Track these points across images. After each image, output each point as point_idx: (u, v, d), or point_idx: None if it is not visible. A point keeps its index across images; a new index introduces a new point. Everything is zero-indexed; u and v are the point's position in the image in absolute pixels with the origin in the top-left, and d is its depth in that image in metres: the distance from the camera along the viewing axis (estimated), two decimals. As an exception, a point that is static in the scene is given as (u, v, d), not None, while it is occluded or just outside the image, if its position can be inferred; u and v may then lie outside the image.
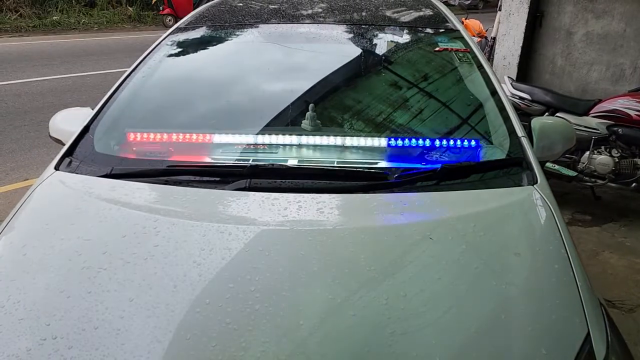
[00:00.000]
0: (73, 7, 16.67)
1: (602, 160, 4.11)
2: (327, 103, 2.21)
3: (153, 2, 17.79)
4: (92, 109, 2.18)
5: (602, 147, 4.16)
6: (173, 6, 16.96)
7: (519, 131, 1.94)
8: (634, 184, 4.05)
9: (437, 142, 1.94)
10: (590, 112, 4.21)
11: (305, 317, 1.23)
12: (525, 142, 1.90)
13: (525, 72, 5.19)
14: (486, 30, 8.55)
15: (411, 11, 2.92)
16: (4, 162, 5.23)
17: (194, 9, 16.28)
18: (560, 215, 1.62)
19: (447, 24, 2.60)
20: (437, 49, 2.36)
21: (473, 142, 1.94)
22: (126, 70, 2.34)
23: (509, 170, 1.80)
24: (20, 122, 6.43)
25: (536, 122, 2.15)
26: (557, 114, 4.33)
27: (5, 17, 14.86)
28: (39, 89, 8.05)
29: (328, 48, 2.49)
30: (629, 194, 4.23)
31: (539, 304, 1.33)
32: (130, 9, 17.91)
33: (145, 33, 15.96)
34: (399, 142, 1.94)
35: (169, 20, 17.08)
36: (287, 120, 2.09)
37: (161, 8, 17.35)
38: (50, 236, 1.52)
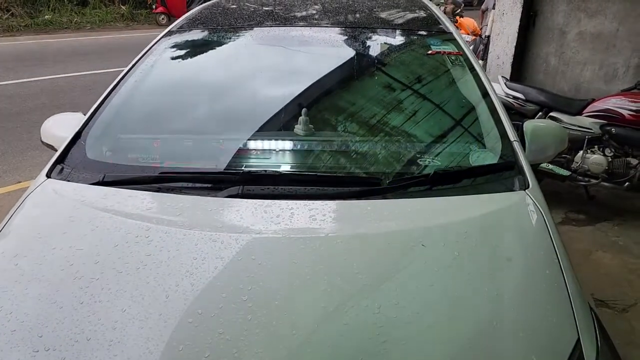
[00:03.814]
0: (65, 6, 16.63)
1: (596, 159, 4.13)
2: (320, 107, 2.22)
3: (150, 4, 17.75)
4: (84, 114, 2.18)
5: (596, 146, 4.19)
6: (166, 4, 16.92)
7: (511, 135, 1.95)
8: (627, 183, 4.08)
9: (430, 148, 1.95)
10: (584, 111, 4.23)
11: (298, 327, 1.24)
12: (517, 146, 1.91)
13: (519, 72, 5.21)
14: (481, 29, 8.57)
15: (403, 13, 2.93)
16: (-5, 164, 5.21)
17: (187, 7, 16.18)
18: (551, 219, 1.63)
19: (440, 26, 2.60)
20: (429, 52, 2.37)
21: (465, 147, 1.95)
22: (119, 70, 2.34)
23: (501, 175, 1.81)
24: (13, 123, 6.41)
25: (528, 125, 2.16)
26: (551, 114, 4.36)
27: (-3, 16, 14.83)
28: (31, 90, 8.02)
29: (320, 51, 2.49)
30: (622, 193, 4.25)
31: (530, 310, 1.34)
32: (123, 7, 17.88)
33: (139, 32, 15.93)
34: (392, 148, 1.95)
35: (162, 19, 17.05)
36: (280, 125, 2.09)
37: (154, 6, 17.31)
38: (42, 246, 1.52)
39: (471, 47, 7.76)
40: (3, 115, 6.73)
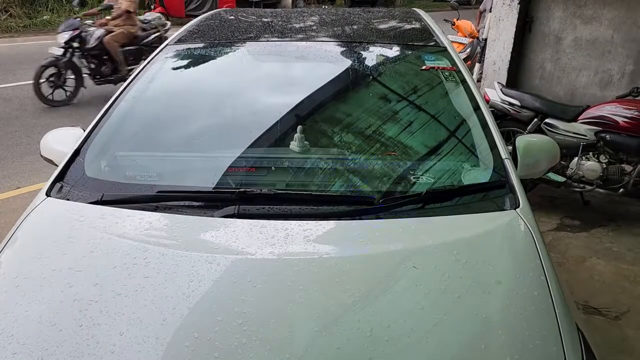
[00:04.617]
0: (63, 6, 16.60)
1: (590, 166, 4.18)
2: (315, 123, 2.25)
3: (148, 4, 17.70)
4: (83, 129, 2.21)
5: (591, 153, 4.23)
6: (164, 5, 16.91)
7: (503, 152, 1.98)
8: (621, 190, 4.13)
9: (423, 166, 1.98)
10: (579, 118, 4.27)
11: (292, 351, 1.27)
12: (508, 164, 1.94)
13: (515, 77, 5.24)
14: (478, 30, 8.59)
15: (398, 27, 2.96)
16: (-6, 169, 5.24)
17: (186, 7, 16.06)
18: (541, 239, 1.66)
19: (434, 40, 2.63)
20: (423, 67, 2.39)
21: (457, 165, 1.98)
22: None
23: (493, 193, 1.84)
24: (12, 127, 6.43)
25: (521, 141, 2.19)
26: (546, 120, 4.41)
27: (-5, 17, 14.83)
28: (30, 93, 7.99)
29: (317, 67, 2.52)
30: (617, 199, 4.30)
31: (518, 332, 1.37)
32: (122, 7, 17.81)
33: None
34: (386, 166, 1.98)
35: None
36: (277, 143, 2.13)
37: (152, 7, 17.30)
38: (42, 267, 1.55)
39: (468, 50, 7.80)
40: (2, 119, 6.75)
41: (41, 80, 7.21)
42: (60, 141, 2.21)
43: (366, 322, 1.34)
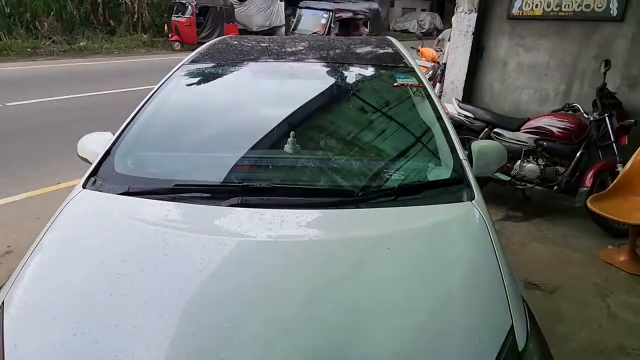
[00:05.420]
0: (97, 34, 16.50)
1: (531, 167, 4.20)
2: (306, 130, 2.24)
3: (167, 33, 17.61)
4: (113, 134, 2.17)
5: (531, 157, 4.25)
6: (180, 34, 16.90)
7: (461, 154, 1.97)
8: (555, 187, 4.16)
9: (395, 165, 1.97)
10: (521, 128, 4.30)
11: (283, 317, 1.26)
12: (465, 164, 1.93)
13: (469, 95, 5.24)
14: (438, 57, 8.60)
15: (375, 51, 2.95)
16: (39, 167, 5.15)
17: (198, 35, 16.04)
18: (492, 225, 1.66)
19: (404, 62, 2.62)
20: (395, 84, 2.38)
21: (424, 165, 1.97)
22: (142, 89, 2.33)
23: (453, 188, 1.83)
24: (55, 133, 6.33)
25: (475, 145, 2.18)
26: (495, 130, 4.43)
27: (41, 43, 14.65)
28: (70, 105, 7.94)
29: (306, 83, 2.51)
30: (552, 194, 4.32)
31: (473, 303, 1.37)
32: (145, 36, 17.73)
33: (157, 56, 15.82)
34: (364, 165, 1.97)
35: (177, 45, 16.99)
36: (273, 146, 2.11)
37: (170, 35, 17.23)
38: (79, 247, 1.53)
39: (431, 72, 7.80)
40: (47, 126, 6.67)
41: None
42: (94, 143, 2.18)
43: (349, 294, 1.33)
